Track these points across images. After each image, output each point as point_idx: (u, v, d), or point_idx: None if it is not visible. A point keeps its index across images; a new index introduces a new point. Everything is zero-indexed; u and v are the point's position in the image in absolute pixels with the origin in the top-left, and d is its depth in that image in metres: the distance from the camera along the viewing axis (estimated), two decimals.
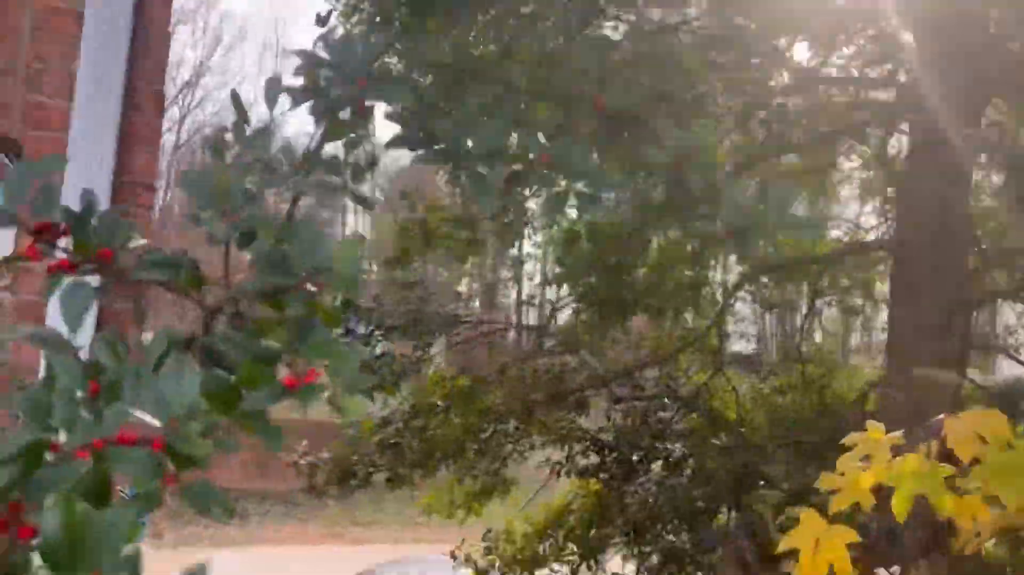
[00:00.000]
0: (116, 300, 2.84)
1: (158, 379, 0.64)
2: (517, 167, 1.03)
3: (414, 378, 4.01)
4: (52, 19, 2.97)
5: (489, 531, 4.32)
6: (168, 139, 25.37)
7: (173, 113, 25.36)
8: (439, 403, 3.96)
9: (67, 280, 0.70)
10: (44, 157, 0.70)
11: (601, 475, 4.19)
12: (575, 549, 4.31)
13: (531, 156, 1.01)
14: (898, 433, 1.79)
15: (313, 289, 0.77)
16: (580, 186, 0.96)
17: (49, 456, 0.55)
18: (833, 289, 5.05)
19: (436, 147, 0.97)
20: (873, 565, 2.25)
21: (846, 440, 1.88)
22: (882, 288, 5.27)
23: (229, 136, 0.95)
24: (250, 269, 0.85)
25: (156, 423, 0.64)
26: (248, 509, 12.21)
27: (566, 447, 4.29)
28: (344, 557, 10.83)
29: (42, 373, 0.56)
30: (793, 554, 1.79)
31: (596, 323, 4.50)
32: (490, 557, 4.23)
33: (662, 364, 4.46)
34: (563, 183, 0.96)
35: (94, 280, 0.75)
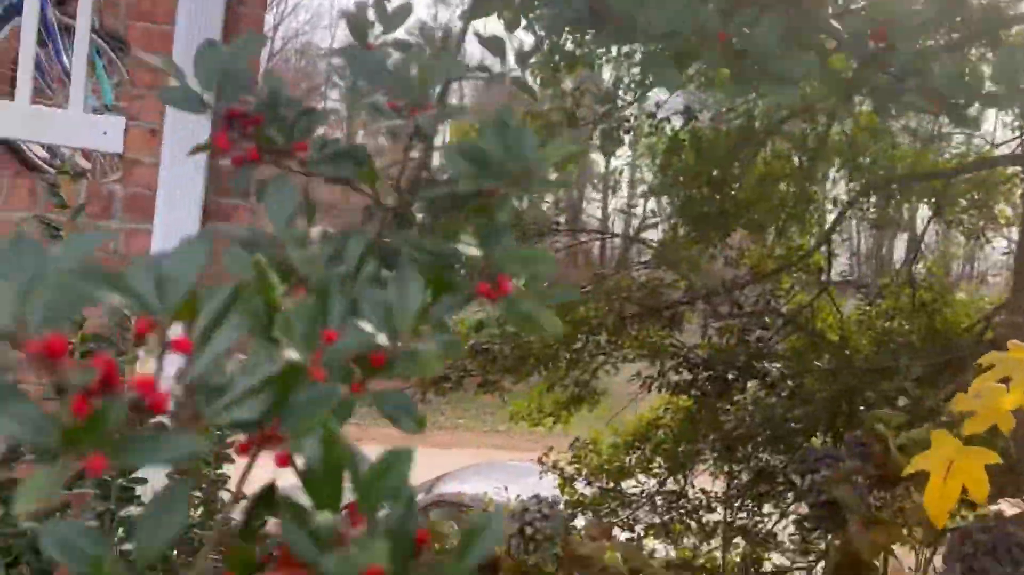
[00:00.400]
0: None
1: (371, 290, 0.57)
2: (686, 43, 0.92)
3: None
4: None
5: (576, 440, 4.34)
6: (263, 48, 25.56)
7: (267, 20, 25.49)
8: None
9: (274, 179, 0.64)
10: (240, 37, 0.63)
11: (693, 392, 4.12)
12: (662, 463, 4.29)
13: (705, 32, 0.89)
14: None
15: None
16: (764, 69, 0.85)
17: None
18: (951, 209, 4.75)
19: (602, 26, 0.86)
20: (1012, 490, 2.13)
21: (983, 359, 1.74)
22: (1004, 209, 4.93)
23: (370, 13, 0.86)
24: (418, 168, 0.77)
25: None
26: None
27: (658, 362, 4.22)
28: (427, 459, 11.18)
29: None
30: (916, 478, 1.69)
31: (695, 237, 4.36)
32: (576, 466, 4.25)
33: (763, 282, 4.30)
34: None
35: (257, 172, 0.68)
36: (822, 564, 3.76)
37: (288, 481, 0.45)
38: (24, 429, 0.35)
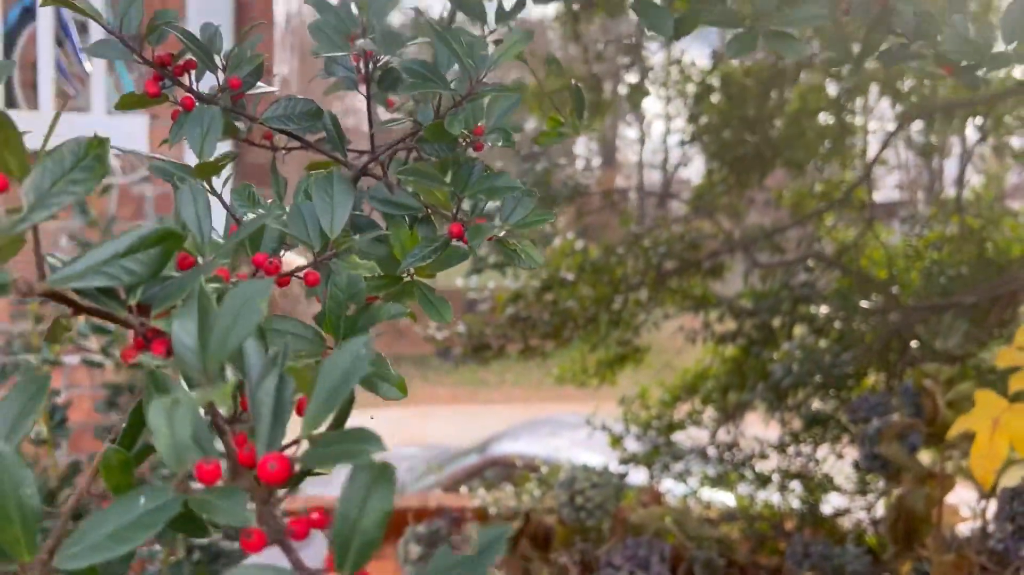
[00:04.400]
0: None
1: (305, 203, 0.56)
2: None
3: (543, 251, 3.94)
4: None
5: (624, 398, 4.32)
6: (279, 10, 25.49)
7: None
8: (569, 276, 3.88)
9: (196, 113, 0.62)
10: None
11: (739, 341, 4.05)
12: (713, 414, 4.26)
13: None
14: None
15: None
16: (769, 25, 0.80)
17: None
18: (996, 131, 4.55)
19: None
20: None
21: None
22: None
23: None
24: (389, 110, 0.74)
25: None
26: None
27: (701, 314, 4.16)
28: (478, 416, 11.32)
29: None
30: (966, 435, 1.63)
31: (732, 182, 4.25)
32: (627, 423, 4.24)
33: (804, 223, 4.19)
34: (747, 21, 0.80)
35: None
36: (881, 503, 3.72)
37: None
38: None
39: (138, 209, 2.85)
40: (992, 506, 1.90)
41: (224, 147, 0.81)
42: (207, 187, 0.61)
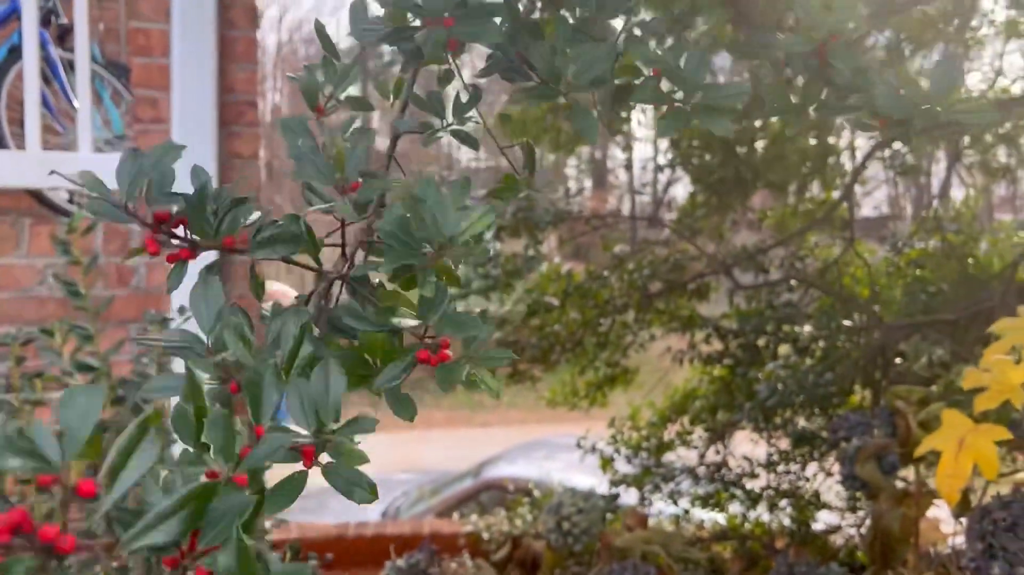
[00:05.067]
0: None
1: (299, 381, 0.60)
2: (623, 82, 0.91)
3: (528, 276, 3.99)
4: None
5: (613, 420, 4.35)
6: (270, 40, 25.70)
7: (272, 12, 25.56)
8: (555, 299, 3.92)
9: (198, 279, 0.66)
10: (156, 147, 0.66)
11: (726, 361, 4.09)
12: (701, 434, 4.28)
13: (641, 70, 0.89)
14: None
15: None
16: (698, 99, 0.84)
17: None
18: (975, 147, 4.62)
19: (533, 78, 0.86)
20: None
21: (994, 328, 1.70)
22: None
23: (319, 74, 0.88)
24: (366, 232, 0.79)
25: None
26: (377, 399, 12.84)
27: (688, 335, 4.20)
28: (474, 439, 11.32)
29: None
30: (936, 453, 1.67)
31: (715, 204, 4.30)
32: (616, 445, 4.27)
33: (786, 243, 4.24)
34: (679, 97, 0.84)
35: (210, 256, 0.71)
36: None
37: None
38: None
39: (124, 244, 2.89)
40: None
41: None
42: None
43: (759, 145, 4.49)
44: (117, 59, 3.84)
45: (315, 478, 0.60)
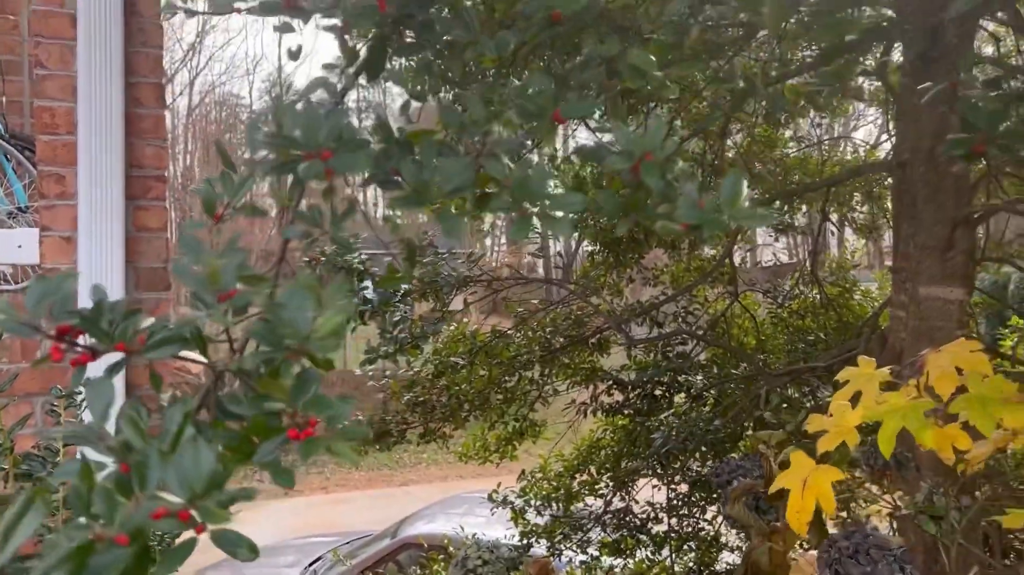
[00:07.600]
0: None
1: (178, 458, 0.74)
2: (485, 191, 1.11)
3: (436, 338, 4.13)
4: (49, 21, 3.03)
5: (523, 473, 4.49)
6: (181, 103, 25.41)
7: (183, 76, 25.33)
8: (461, 360, 4.08)
9: (91, 377, 0.80)
10: (59, 275, 0.81)
11: (626, 411, 4.30)
12: (608, 483, 4.46)
13: (497, 180, 1.08)
14: (885, 370, 1.86)
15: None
16: (543, 208, 1.04)
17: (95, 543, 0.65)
18: (842, 207, 5.04)
19: (405, 187, 1.04)
20: (887, 488, 2.35)
21: (840, 376, 1.95)
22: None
23: (218, 186, 1.04)
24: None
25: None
26: (296, 460, 12.63)
27: (590, 387, 4.40)
28: (394, 499, 11.22)
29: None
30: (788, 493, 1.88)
31: (612, 263, 4.56)
32: (526, 497, 4.40)
33: (678, 298, 4.52)
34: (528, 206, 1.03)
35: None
36: None
37: None
38: None
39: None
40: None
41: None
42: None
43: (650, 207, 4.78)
44: (20, 131, 3.86)
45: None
